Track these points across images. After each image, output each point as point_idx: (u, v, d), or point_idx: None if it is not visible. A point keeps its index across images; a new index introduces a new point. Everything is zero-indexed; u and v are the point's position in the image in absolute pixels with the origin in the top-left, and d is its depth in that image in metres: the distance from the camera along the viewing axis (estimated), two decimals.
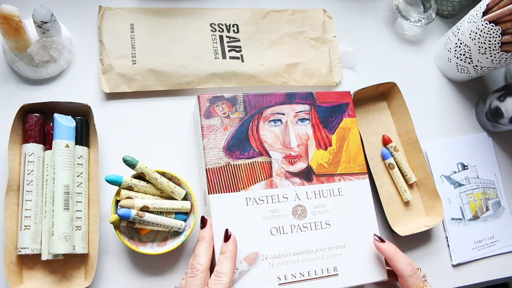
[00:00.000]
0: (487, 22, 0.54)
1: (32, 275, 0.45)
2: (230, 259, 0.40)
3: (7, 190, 0.44)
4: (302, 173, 0.48)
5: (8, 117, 0.49)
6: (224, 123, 0.46)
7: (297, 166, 0.48)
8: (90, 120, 0.49)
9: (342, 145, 0.50)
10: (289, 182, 0.47)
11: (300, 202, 0.46)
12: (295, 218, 0.46)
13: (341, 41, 0.64)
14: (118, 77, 0.52)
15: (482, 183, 0.62)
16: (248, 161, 0.46)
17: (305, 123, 0.49)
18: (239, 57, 0.57)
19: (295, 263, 0.44)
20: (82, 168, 0.47)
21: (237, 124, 0.47)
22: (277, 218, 0.45)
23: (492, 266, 0.60)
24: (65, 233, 0.43)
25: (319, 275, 0.45)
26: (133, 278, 0.48)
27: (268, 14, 0.60)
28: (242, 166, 0.46)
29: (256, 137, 0.47)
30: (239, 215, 0.44)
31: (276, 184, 0.46)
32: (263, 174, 0.46)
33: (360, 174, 0.50)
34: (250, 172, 0.46)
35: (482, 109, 0.65)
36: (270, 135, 0.48)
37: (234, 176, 0.45)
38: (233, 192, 0.45)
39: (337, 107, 0.51)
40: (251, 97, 0.48)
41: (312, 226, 0.46)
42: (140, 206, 0.43)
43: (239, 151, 0.46)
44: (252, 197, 0.45)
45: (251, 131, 0.47)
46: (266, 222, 0.45)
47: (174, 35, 0.56)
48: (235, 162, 0.46)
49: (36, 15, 0.46)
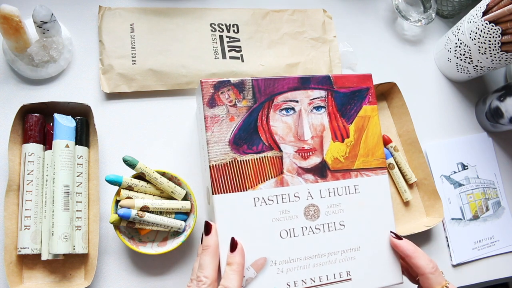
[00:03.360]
0: (487, 22, 0.54)
1: (32, 275, 0.45)
2: (237, 272, 0.37)
3: (7, 190, 0.44)
4: (315, 168, 0.43)
5: (8, 117, 0.49)
6: (230, 112, 0.41)
7: (311, 161, 0.43)
8: (90, 120, 0.49)
9: (361, 136, 0.45)
10: (301, 180, 0.42)
11: (313, 201, 0.42)
12: (307, 219, 0.42)
13: (341, 41, 0.64)
14: (118, 77, 0.52)
15: (482, 183, 0.62)
16: (256, 156, 0.41)
17: (321, 112, 0.44)
18: (239, 57, 0.57)
19: (306, 268, 0.41)
20: (82, 168, 0.47)
21: (245, 114, 0.42)
22: (288, 219, 0.41)
23: (492, 266, 0.60)
24: (65, 233, 0.43)
25: (331, 280, 0.41)
26: (133, 278, 0.48)
27: (268, 14, 0.60)
28: (250, 162, 0.41)
29: (265, 129, 0.42)
30: (246, 217, 0.40)
31: (287, 182, 0.42)
32: (273, 170, 0.42)
33: (379, 169, 0.45)
34: (258, 169, 0.41)
35: (482, 109, 0.65)
36: (282, 126, 0.43)
37: (241, 174, 0.41)
38: (239, 191, 0.40)
39: (356, 93, 0.45)
40: (260, 82, 0.43)
41: (325, 227, 0.42)
42: (140, 206, 0.43)
43: (247, 145, 0.41)
44: (261, 196, 0.41)
45: (261, 121, 0.42)
46: (276, 224, 0.41)
47: (174, 35, 0.56)
48: (242, 157, 0.41)
49: (36, 15, 0.46)
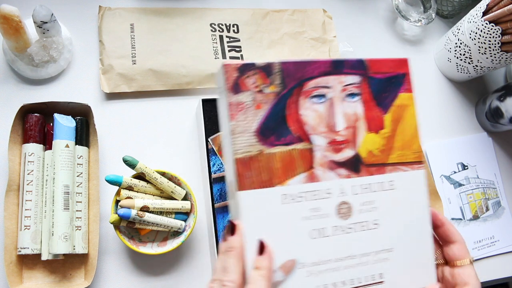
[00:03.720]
0: (487, 22, 0.54)
1: (32, 275, 0.45)
2: (266, 277, 0.34)
3: (7, 190, 0.44)
4: (348, 162, 0.39)
5: (8, 117, 0.49)
6: (256, 99, 0.37)
7: (344, 154, 0.39)
8: (90, 120, 0.49)
9: (397, 127, 0.41)
10: (333, 175, 0.39)
11: (345, 198, 0.39)
12: (338, 218, 0.38)
13: (341, 41, 0.63)
14: (118, 77, 0.52)
15: (482, 183, 0.62)
16: (285, 148, 0.38)
17: (355, 100, 0.40)
18: (239, 57, 0.57)
19: (337, 270, 0.38)
20: (82, 168, 0.47)
21: (273, 101, 0.38)
22: (318, 218, 0.38)
23: (492, 266, 0.60)
24: (65, 233, 0.43)
25: (363, 284, 0.39)
26: (133, 278, 0.47)
27: (268, 14, 0.60)
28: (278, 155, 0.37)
29: (295, 118, 0.38)
30: (274, 216, 0.37)
31: (318, 177, 0.38)
32: (302, 164, 0.38)
33: (415, 164, 0.41)
34: (287, 163, 0.38)
35: (482, 109, 0.65)
36: (313, 115, 0.39)
37: (269, 168, 0.37)
38: (267, 187, 0.37)
39: (392, 79, 0.42)
40: (290, 66, 0.38)
41: (358, 227, 0.39)
42: (140, 206, 0.43)
43: (275, 135, 0.37)
44: (290, 193, 0.37)
45: (289, 109, 0.38)
46: (305, 224, 0.38)
47: (174, 35, 0.56)
48: (270, 150, 0.37)
49: (36, 15, 0.46)
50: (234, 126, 0.37)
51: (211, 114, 0.50)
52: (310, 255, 0.38)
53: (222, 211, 0.47)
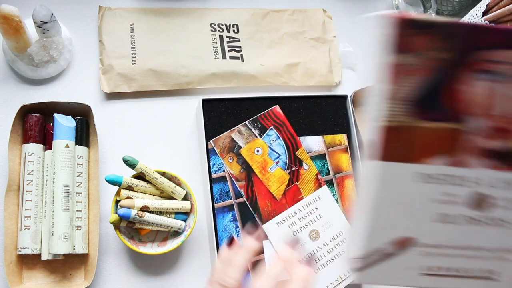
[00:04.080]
0: (487, 22, 0.54)
1: (32, 275, 0.45)
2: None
3: (7, 190, 0.44)
4: (504, 154, 0.35)
5: (8, 117, 0.49)
6: (423, 64, 0.33)
7: (501, 144, 0.35)
8: (90, 120, 0.49)
9: None
10: (481, 163, 0.35)
11: (486, 190, 0.35)
12: (473, 209, 0.35)
13: (341, 41, 0.63)
14: (118, 77, 0.52)
15: None
16: (434, 124, 0.34)
17: None
18: (239, 57, 0.57)
19: (448, 256, 0.36)
20: (82, 168, 0.47)
21: (437, 68, 0.33)
22: (448, 203, 0.35)
23: None
24: (65, 233, 0.43)
25: (477, 275, 0.36)
26: (133, 278, 0.48)
27: (268, 14, 0.60)
28: (425, 130, 0.34)
29: (455, 93, 0.34)
30: (401, 191, 0.35)
31: (463, 163, 0.34)
32: (447, 145, 0.34)
33: None
34: (432, 140, 0.34)
35: None
36: (477, 92, 0.34)
37: (410, 142, 0.34)
38: (404, 162, 0.34)
39: None
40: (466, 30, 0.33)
41: (491, 221, 0.36)
42: (140, 206, 0.43)
43: (428, 109, 0.33)
44: (427, 173, 0.34)
45: (450, 82, 0.33)
46: (432, 206, 0.35)
47: (174, 35, 0.56)
48: (418, 123, 0.33)
49: (36, 15, 0.46)
50: (394, 90, 0.32)
51: (211, 114, 0.50)
52: (428, 236, 0.35)
53: (222, 211, 0.47)
